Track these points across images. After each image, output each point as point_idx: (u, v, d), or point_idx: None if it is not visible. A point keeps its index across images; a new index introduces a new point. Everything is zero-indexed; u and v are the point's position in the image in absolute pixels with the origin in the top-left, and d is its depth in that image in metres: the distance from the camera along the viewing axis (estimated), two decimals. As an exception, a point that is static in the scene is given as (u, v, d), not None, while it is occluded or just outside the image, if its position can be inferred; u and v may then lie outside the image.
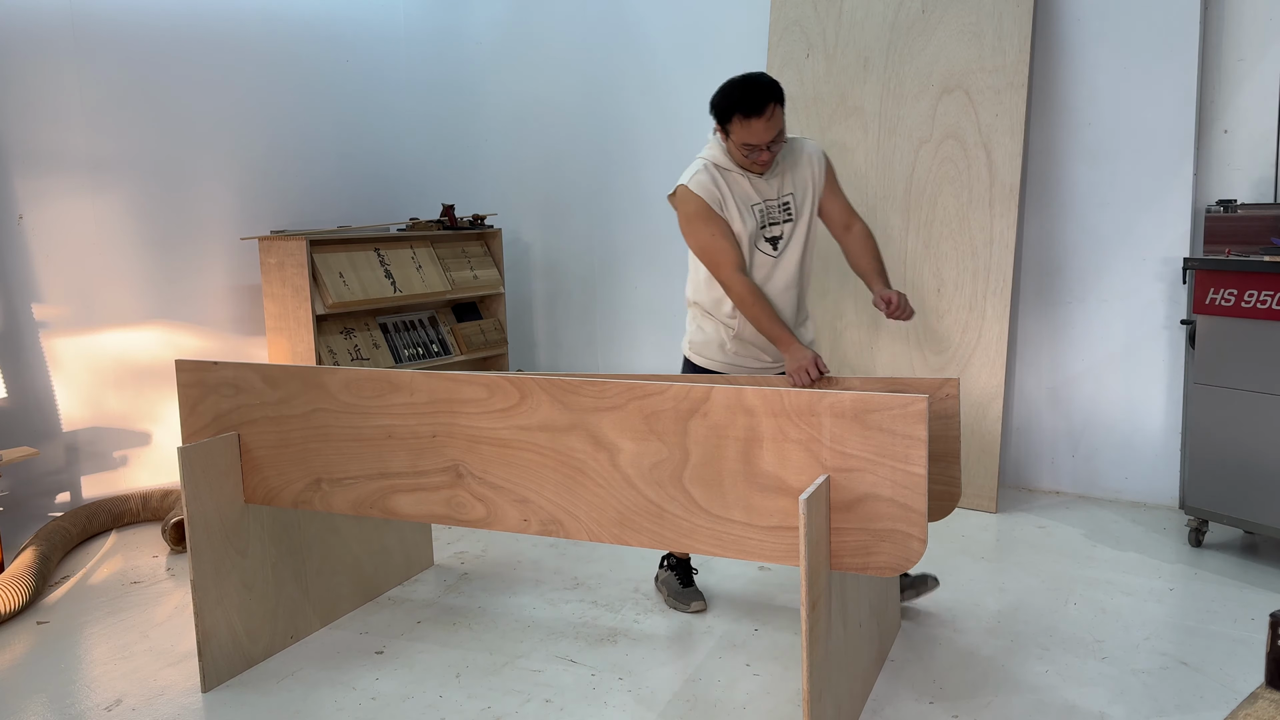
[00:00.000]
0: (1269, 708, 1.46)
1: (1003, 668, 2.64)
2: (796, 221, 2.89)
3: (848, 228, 2.94)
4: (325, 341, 4.53)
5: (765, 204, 2.85)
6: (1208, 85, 3.79)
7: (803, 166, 2.89)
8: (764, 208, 2.85)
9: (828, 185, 2.93)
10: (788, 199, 2.87)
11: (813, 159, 2.91)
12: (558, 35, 5.22)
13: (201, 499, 2.59)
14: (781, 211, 2.87)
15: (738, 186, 2.83)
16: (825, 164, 2.92)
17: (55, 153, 4.03)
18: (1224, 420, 3.33)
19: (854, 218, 2.96)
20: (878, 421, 2.05)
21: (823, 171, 2.91)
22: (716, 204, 2.80)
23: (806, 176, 2.89)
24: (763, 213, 2.85)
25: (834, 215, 2.95)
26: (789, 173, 2.87)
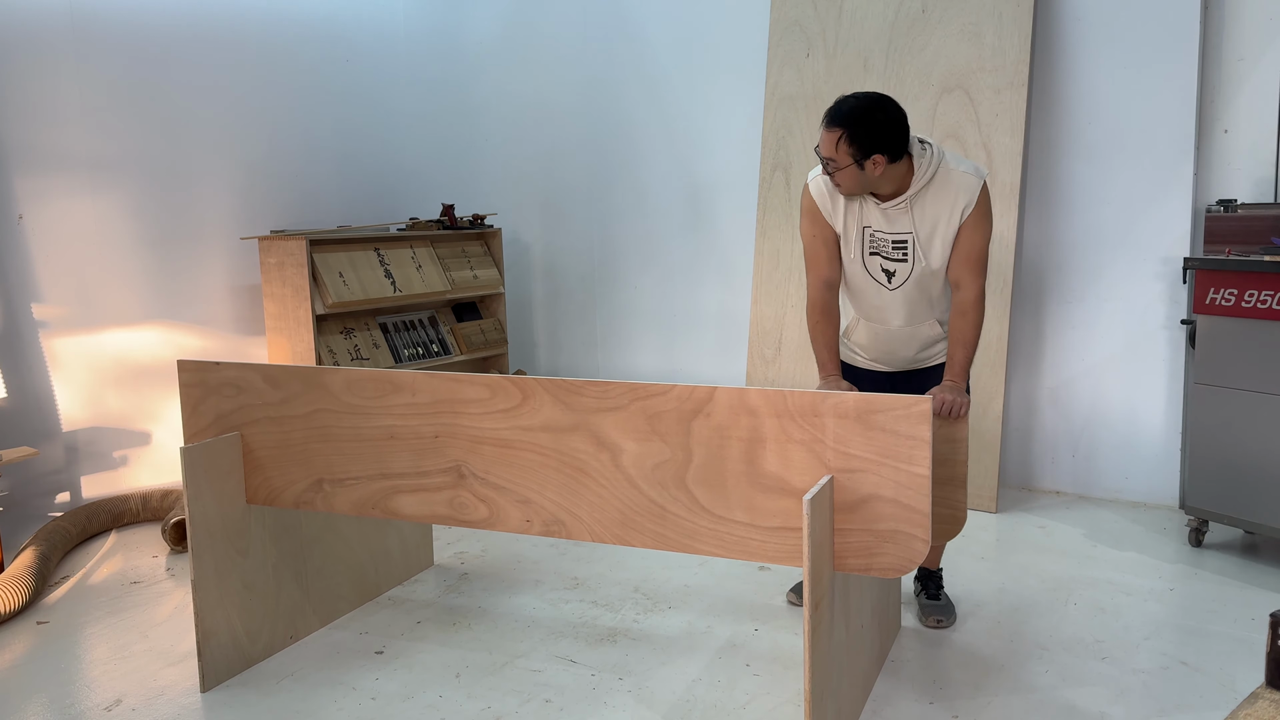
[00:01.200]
0: (1269, 708, 1.46)
1: (1003, 668, 2.64)
2: (915, 264, 2.64)
3: (956, 286, 2.65)
4: (325, 341, 4.52)
5: (876, 232, 2.66)
6: (1208, 85, 3.79)
7: (940, 204, 2.58)
8: (874, 234, 2.66)
9: (962, 227, 2.59)
10: (905, 239, 2.62)
11: (962, 199, 2.56)
12: (558, 35, 5.21)
13: (203, 499, 2.59)
14: (895, 249, 2.65)
15: (855, 201, 2.67)
16: (972, 202, 2.56)
17: (55, 153, 4.03)
18: (1224, 420, 3.33)
19: (965, 280, 2.61)
20: (881, 422, 2.05)
21: (965, 210, 2.57)
22: (825, 209, 2.69)
23: (944, 215, 2.58)
24: (872, 239, 2.67)
25: (950, 262, 2.64)
26: (923, 211, 2.60)
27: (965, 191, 2.57)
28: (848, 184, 2.57)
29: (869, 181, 2.56)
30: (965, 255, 2.60)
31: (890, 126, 2.50)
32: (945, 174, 2.58)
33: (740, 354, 4.86)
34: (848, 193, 2.61)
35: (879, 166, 2.52)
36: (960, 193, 2.57)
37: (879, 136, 2.49)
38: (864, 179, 2.55)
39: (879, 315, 2.77)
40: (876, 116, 2.50)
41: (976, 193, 2.56)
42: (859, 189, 2.59)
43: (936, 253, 2.62)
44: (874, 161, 2.51)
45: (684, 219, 4.96)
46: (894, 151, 2.52)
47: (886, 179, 2.56)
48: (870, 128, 2.49)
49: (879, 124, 2.49)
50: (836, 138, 2.51)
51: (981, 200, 2.58)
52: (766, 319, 4.50)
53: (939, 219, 2.59)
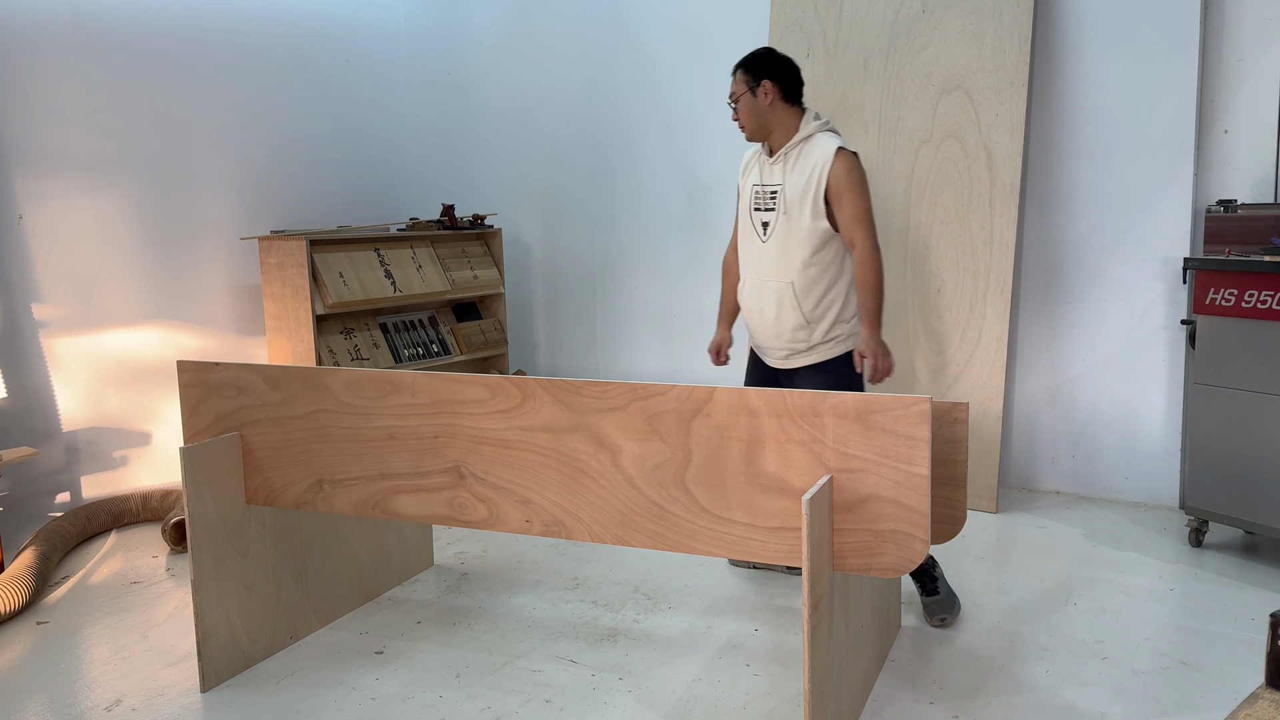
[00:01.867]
0: (1269, 708, 1.46)
1: (1003, 668, 2.64)
2: (782, 214, 2.91)
3: (851, 245, 2.88)
4: (325, 341, 4.52)
5: (761, 187, 2.98)
6: (1208, 85, 3.79)
7: (806, 164, 2.86)
8: (759, 190, 2.98)
9: (832, 192, 2.83)
10: (776, 189, 2.93)
11: (821, 161, 2.84)
12: (558, 35, 5.21)
13: (203, 499, 2.59)
14: (770, 199, 2.95)
15: (753, 165, 3.03)
16: (831, 170, 2.82)
17: (55, 153, 4.03)
18: (1224, 420, 3.33)
19: (855, 237, 2.84)
20: (880, 422, 2.05)
21: (824, 175, 2.82)
22: (738, 180, 3.05)
23: (806, 174, 2.86)
24: (757, 195, 2.99)
25: (841, 227, 2.87)
26: (792, 166, 2.89)
27: (825, 154, 2.85)
28: (746, 117, 2.92)
29: (762, 112, 2.90)
30: (850, 215, 2.85)
31: (778, 62, 2.91)
32: (815, 139, 2.90)
33: (740, 354, 4.86)
34: (749, 129, 2.93)
35: (769, 95, 2.89)
36: (821, 155, 2.86)
37: (766, 65, 2.90)
38: (758, 108, 2.90)
39: (752, 271, 3.02)
40: (766, 53, 2.93)
41: (833, 154, 2.84)
42: (756, 123, 2.92)
43: (797, 207, 2.89)
44: (764, 89, 2.89)
45: (684, 219, 4.96)
46: (783, 82, 2.90)
47: (777, 119, 2.91)
48: (759, 60, 2.91)
49: (767, 57, 2.92)
50: (735, 73, 2.94)
51: (842, 164, 2.84)
52: (766, 319, 4.50)
53: (803, 175, 2.89)
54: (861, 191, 2.84)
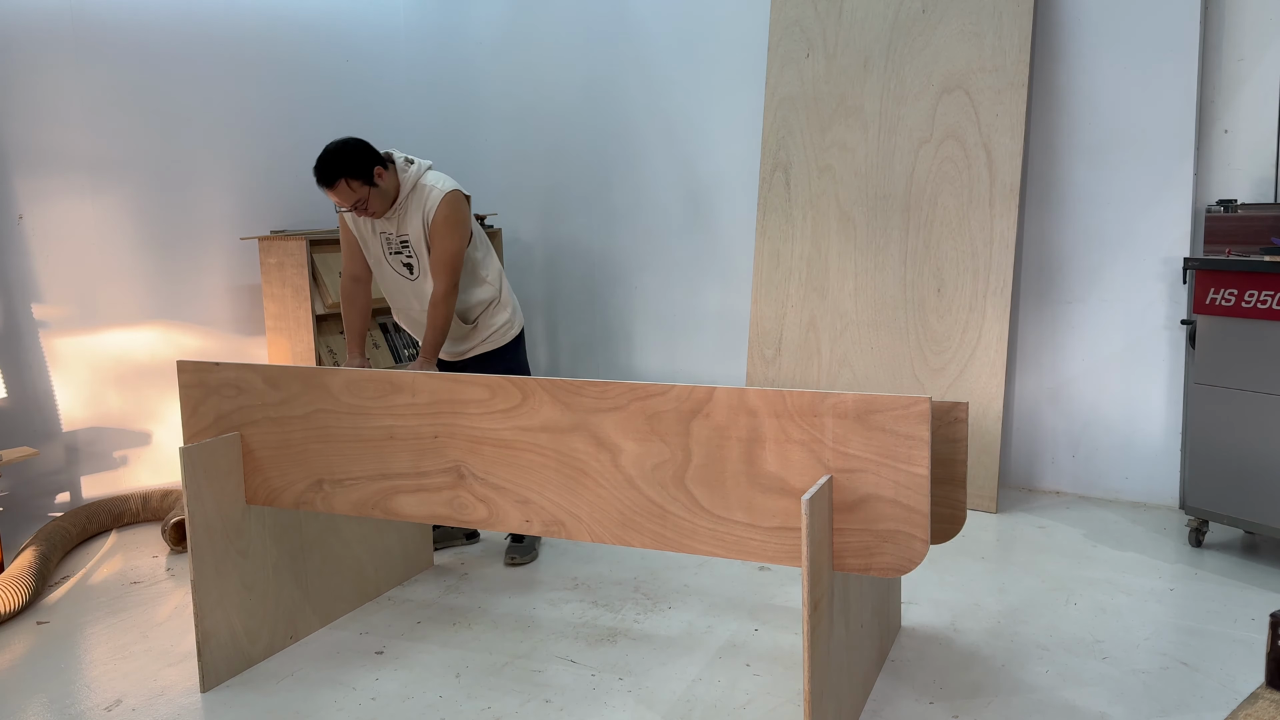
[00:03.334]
0: (1269, 708, 1.46)
1: (1003, 668, 2.64)
2: (419, 258, 3.17)
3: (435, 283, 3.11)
4: (325, 341, 4.52)
5: (386, 235, 3.19)
6: (1208, 85, 3.79)
7: (415, 211, 3.11)
8: (387, 237, 3.19)
9: (431, 234, 3.10)
10: (405, 237, 3.16)
11: (426, 206, 3.10)
12: (558, 35, 5.21)
13: (203, 499, 2.59)
14: (403, 247, 3.18)
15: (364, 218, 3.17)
16: (436, 215, 3.08)
17: (55, 153, 4.03)
18: (1224, 420, 3.33)
19: (436, 278, 3.09)
20: (880, 422, 2.05)
21: (429, 220, 3.10)
22: (350, 217, 3.21)
23: (417, 222, 3.12)
24: (388, 241, 3.19)
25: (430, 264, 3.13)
26: (406, 216, 3.13)
27: (429, 201, 3.09)
28: (377, 206, 3.06)
29: (386, 191, 3.06)
30: (436, 258, 3.09)
31: (359, 148, 3.01)
32: (420, 187, 3.12)
33: (740, 354, 4.86)
34: (384, 211, 3.09)
35: (383, 176, 3.04)
36: (426, 202, 3.09)
37: (361, 158, 2.99)
38: (382, 192, 3.05)
39: (413, 307, 3.27)
40: (346, 149, 2.99)
41: (437, 203, 3.07)
42: (384, 201, 3.08)
43: (423, 251, 3.15)
44: (378, 174, 3.02)
45: (684, 219, 4.97)
46: (381, 161, 3.04)
47: (391, 184, 3.08)
48: (350, 158, 2.97)
49: (352, 152, 2.99)
50: (341, 187, 2.98)
51: (443, 210, 3.08)
52: (767, 319, 4.50)
53: (415, 223, 3.12)
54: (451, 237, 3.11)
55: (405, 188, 3.11)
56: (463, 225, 3.12)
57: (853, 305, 4.28)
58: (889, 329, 4.19)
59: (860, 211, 4.26)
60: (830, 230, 4.34)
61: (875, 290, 4.23)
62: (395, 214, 3.13)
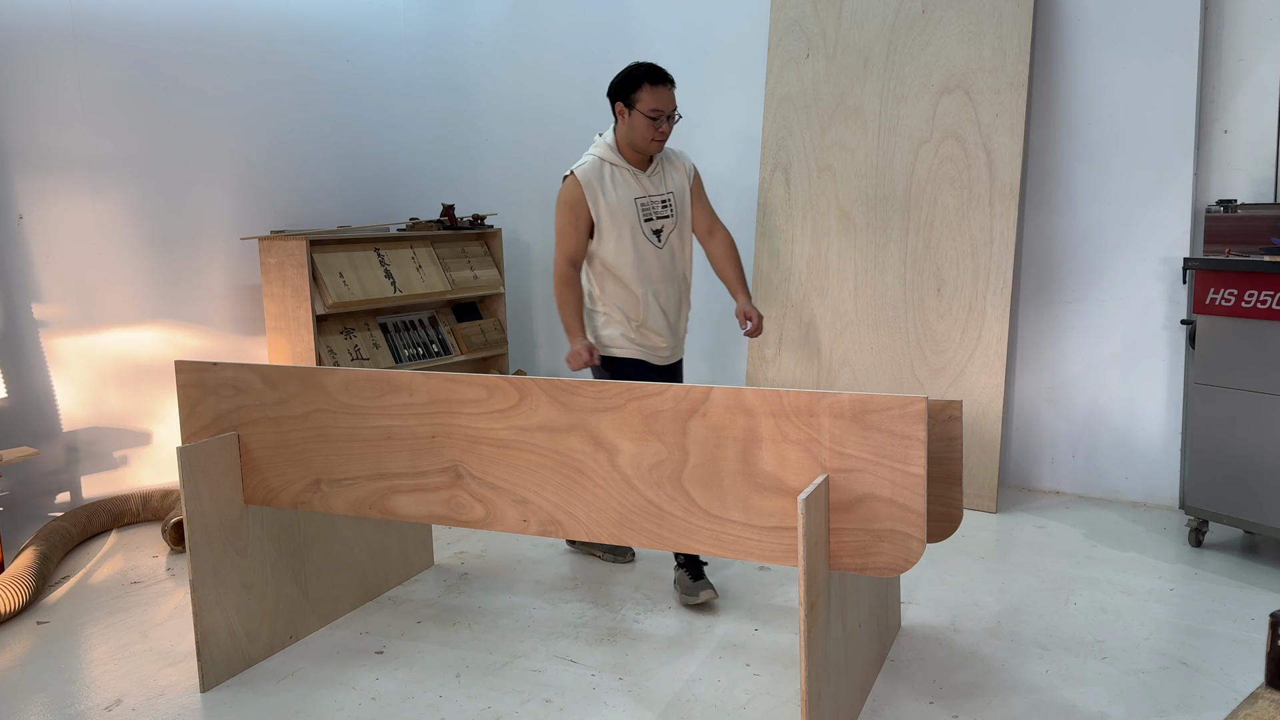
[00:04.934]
0: (1269, 708, 1.46)
1: (1003, 668, 2.64)
2: (675, 218, 3.17)
3: (710, 233, 3.24)
4: (325, 341, 4.53)
5: (648, 198, 3.12)
6: (1208, 85, 3.78)
7: (678, 171, 3.19)
8: (647, 201, 3.12)
9: (695, 191, 3.22)
10: (668, 197, 3.15)
11: (686, 166, 3.21)
12: (557, 35, 5.22)
13: (201, 499, 2.59)
14: (662, 207, 3.14)
15: (621, 181, 3.09)
16: (695, 172, 3.23)
17: (55, 153, 4.03)
18: (1224, 420, 3.33)
19: (717, 225, 3.25)
20: (877, 422, 2.05)
21: (692, 177, 3.21)
22: (591, 195, 3.05)
23: (681, 180, 3.19)
24: (645, 206, 3.11)
25: (699, 220, 3.24)
26: (668, 174, 3.16)
27: (688, 163, 3.22)
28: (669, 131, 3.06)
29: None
30: (706, 208, 3.25)
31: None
32: (668, 150, 3.21)
33: (740, 354, 4.86)
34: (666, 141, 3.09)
35: None
36: (682, 158, 3.22)
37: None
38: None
39: (650, 279, 3.14)
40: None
41: (687, 157, 3.23)
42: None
43: (684, 207, 3.18)
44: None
45: (684, 219, 4.96)
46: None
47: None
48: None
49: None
50: (671, 90, 3.02)
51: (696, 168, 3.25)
52: (766, 319, 4.50)
53: (677, 179, 3.18)
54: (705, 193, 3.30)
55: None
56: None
57: (852, 305, 4.28)
58: (889, 329, 4.19)
59: (860, 211, 4.26)
60: (830, 230, 4.33)
61: (875, 290, 4.23)
62: (657, 174, 3.15)
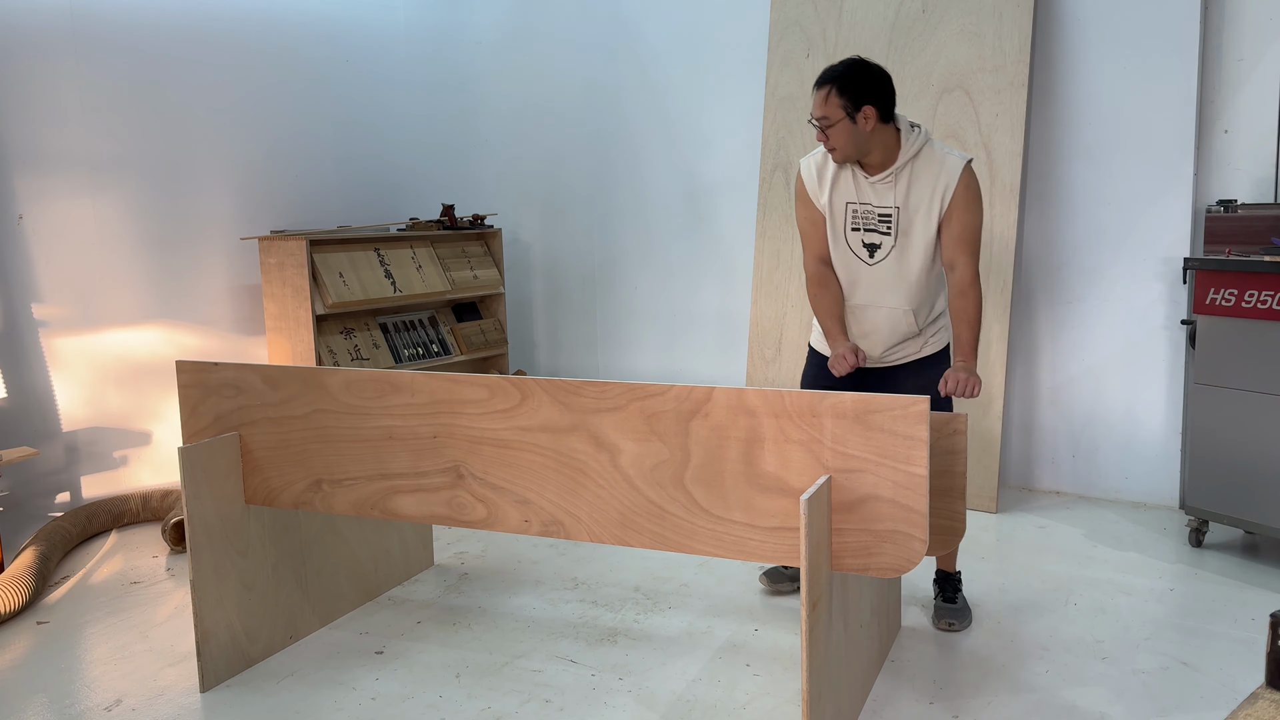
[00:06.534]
0: (1269, 708, 1.46)
1: (1003, 668, 2.64)
2: (898, 238, 2.69)
3: (951, 268, 2.69)
4: (325, 341, 4.52)
5: (862, 207, 2.72)
6: (1208, 85, 3.79)
7: (926, 183, 2.65)
8: (859, 210, 2.72)
9: (951, 208, 2.64)
10: (890, 212, 2.68)
11: (943, 177, 2.64)
12: (558, 35, 5.21)
13: (202, 499, 2.59)
14: (880, 222, 2.70)
15: (843, 179, 2.73)
16: (957, 186, 2.63)
17: (55, 153, 4.03)
18: (1224, 420, 3.33)
19: (959, 260, 2.65)
20: (879, 422, 2.05)
21: (949, 193, 2.64)
22: (813, 189, 2.78)
23: (926, 194, 2.65)
24: (856, 215, 2.73)
25: (943, 245, 2.69)
26: (907, 186, 2.67)
27: (948, 172, 2.64)
28: (842, 141, 2.63)
29: (861, 138, 2.62)
30: (958, 236, 2.65)
31: (876, 80, 2.63)
32: (930, 153, 2.66)
33: (740, 354, 4.86)
34: (842, 154, 2.65)
35: (869, 120, 2.61)
36: (943, 172, 2.64)
37: (866, 87, 2.60)
38: (857, 134, 2.62)
39: (856, 295, 2.81)
40: (862, 70, 2.63)
41: (959, 173, 2.63)
42: (852, 147, 2.64)
43: (918, 229, 2.68)
44: (864, 115, 2.60)
45: (684, 219, 4.96)
46: (882, 105, 2.62)
47: (877, 141, 2.64)
48: (857, 79, 2.61)
49: (865, 76, 2.62)
50: (827, 93, 2.62)
51: (965, 181, 2.64)
52: (766, 319, 4.50)
53: (923, 196, 2.66)
54: (976, 213, 2.65)
55: (906, 152, 2.64)
56: (981, 203, 2.68)
57: (853, 305, 4.27)
58: (889, 329, 4.19)
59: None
60: (830, 230, 4.33)
61: (875, 290, 4.22)
62: (886, 182, 2.67)
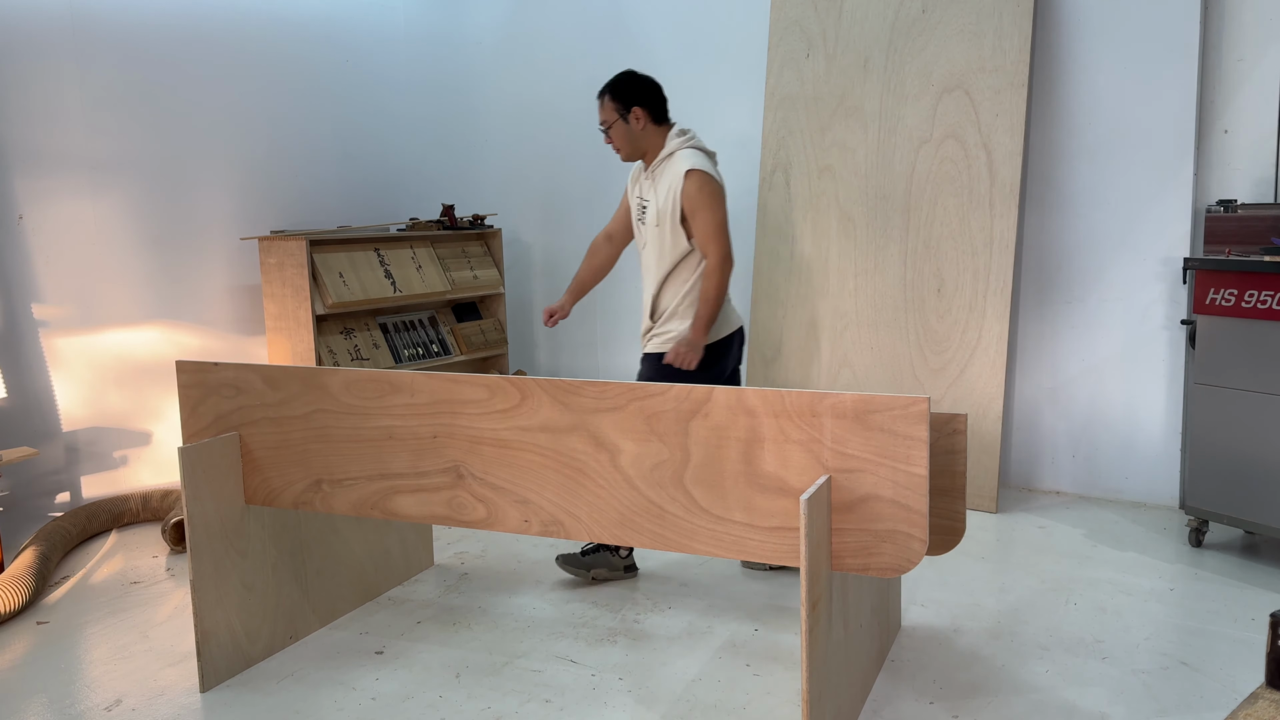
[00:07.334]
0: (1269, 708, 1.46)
1: (1003, 668, 2.64)
2: (650, 226, 3.11)
3: (705, 257, 3.06)
4: (325, 341, 4.52)
5: (638, 200, 3.18)
6: (1208, 85, 3.79)
7: (665, 182, 3.05)
8: (638, 201, 3.18)
9: (685, 208, 3.01)
10: (647, 203, 3.12)
11: (676, 178, 3.02)
12: (557, 36, 5.21)
13: (202, 499, 2.59)
14: (643, 214, 3.15)
15: (639, 174, 3.20)
16: (682, 188, 3.00)
17: (55, 153, 4.03)
18: (1224, 420, 3.33)
19: (707, 251, 3.02)
20: (879, 422, 2.05)
21: (679, 193, 3.01)
22: (628, 185, 3.25)
23: (665, 190, 3.05)
24: (636, 206, 3.20)
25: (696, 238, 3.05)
26: (657, 181, 3.09)
27: (677, 175, 3.02)
28: (620, 141, 3.09)
29: (635, 137, 3.08)
30: (699, 231, 3.03)
31: (644, 86, 3.09)
32: (677, 156, 3.06)
33: (740, 354, 4.85)
34: (624, 153, 3.11)
35: (641, 121, 3.07)
36: (675, 175, 3.03)
37: (635, 92, 3.06)
38: (631, 134, 3.08)
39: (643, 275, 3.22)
40: (631, 78, 3.09)
41: (682, 176, 3.00)
42: (630, 146, 3.10)
43: (665, 224, 3.06)
44: (635, 115, 3.06)
45: (684, 219, 4.96)
46: (652, 108, 3.08)
47: (650, 141, 3.10)
48: (626, 86, 3.07)
49: (633, 84, 3.08)
50: (603, 100, 3.10)
51: (694, 182, 2.99)
52: (767, 319, 4.50)
53: (663, 193, 3.06)
54: (709, 210, 3.00)
55: (663, 153, 3.09)
56: (719, 198, 3.03)
57: (853, 305, 4.28)
58: (889, 329, 4.19)
59: (860, 211, 4.26)
60: (830, 230, 4.33)
61: (875, 290, 4.23)
62: (649, 177, 3.13)
